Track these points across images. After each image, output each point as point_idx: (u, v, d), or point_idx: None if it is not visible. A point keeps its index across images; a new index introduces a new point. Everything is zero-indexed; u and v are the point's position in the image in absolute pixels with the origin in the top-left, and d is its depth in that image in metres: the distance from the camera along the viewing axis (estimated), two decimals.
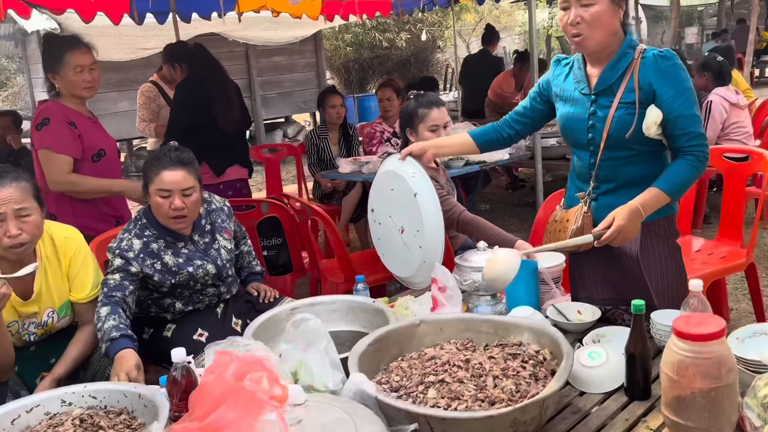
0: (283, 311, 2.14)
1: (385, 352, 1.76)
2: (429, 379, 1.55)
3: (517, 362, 1.59)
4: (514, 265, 1.67)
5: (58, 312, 2.09)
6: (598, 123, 1.90)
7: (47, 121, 2.67)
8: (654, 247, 1.94)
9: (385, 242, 2.34)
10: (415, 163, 2.15)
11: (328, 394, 1.46)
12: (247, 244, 2.61)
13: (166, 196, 2.11)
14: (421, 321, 1.83)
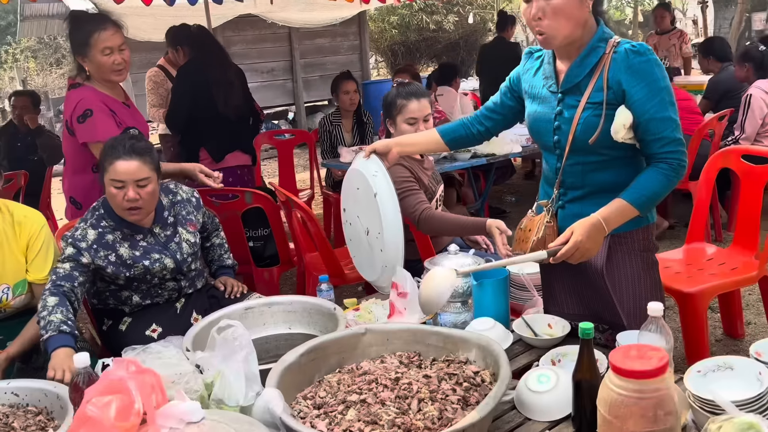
0: (235, 312, 2.07)
1: (323, 363, 1.66)
2: (352, 398, 1.45)
3: (450, 384, 1.47)
4: (448, 286, 1.54)
5: (13, 289, 2.08)
6: (564, 124, 1.74)
7: (90, 112, 2.47)
8: (624, 262, 1.77)
9: (355, 244, 2.24)
10: (378, 162, 2.03)
11: (233, 412, 1.38)
12: (219, 237, 2.55)
13: (120, 186, 2.06)
14: (366, 330, 1.73)
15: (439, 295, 1.51)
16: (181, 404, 1.29)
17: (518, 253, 1.87)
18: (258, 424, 1.31)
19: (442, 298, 1.51)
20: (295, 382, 1.57)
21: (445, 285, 1.50)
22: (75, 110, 2.50)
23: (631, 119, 1.62)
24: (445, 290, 1.50)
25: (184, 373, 1.44)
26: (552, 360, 1.76)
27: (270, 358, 2.04)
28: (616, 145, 1.67)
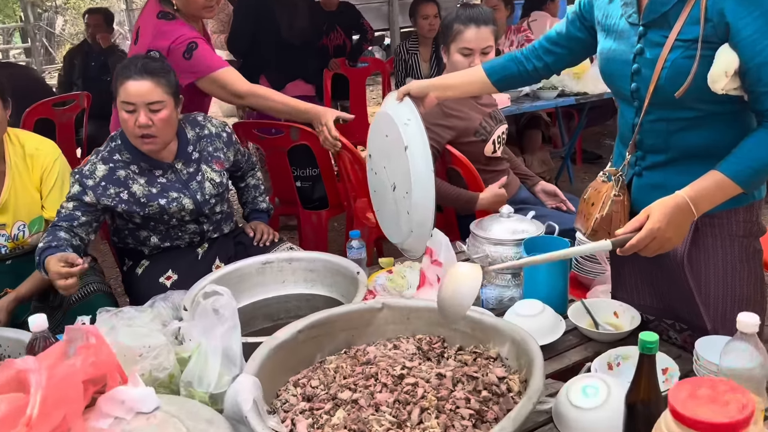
0: (252, 265, 1.87)
1: (328, 340, 1.43)
2: (343, 396, 1.21)
3: (465, 390, 1.20)
4: (470, 290, 1.21)
5: (29, 227, 1.99)
6: (644, 68, 1.33)
7: (194, 45, 2.26)
8: (715, 249, 1.38)
9: (380, 197, 1.95)
10: (412, 108, 1.70)
11: (197, 403, 1.18)
12: (255, 177, 2.34)
13: (131, 110, 1.87)
14: (383, 305, 1.47)
15: (459, 303, 1.19)
16: (132, 390, 1.11)
17: (578, 229, 1.52)
18: (220, 422, 1.10)
19: (462, 303, 1.20)
20: (289, 363, 1.35)
21: (466, 289, 1.19)
22: (177, 45, 2.23)
23: (737, 63, 1.19)
24: (467, 295, 1.19)
25: (154, 346, 1.26)
26: (609, 363, 1.44)
27: (290, 318, 1.84)
28: (715, 97, 1.26)
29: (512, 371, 1.30)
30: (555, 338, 1.55)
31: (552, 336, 1.55)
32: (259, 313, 1.85)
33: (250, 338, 1.46)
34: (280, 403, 1.26)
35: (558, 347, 1.57)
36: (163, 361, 1.25)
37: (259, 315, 1.84)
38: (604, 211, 1.39)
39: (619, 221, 1.36)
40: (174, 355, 1.27)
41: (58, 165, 2.00)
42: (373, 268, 2.08)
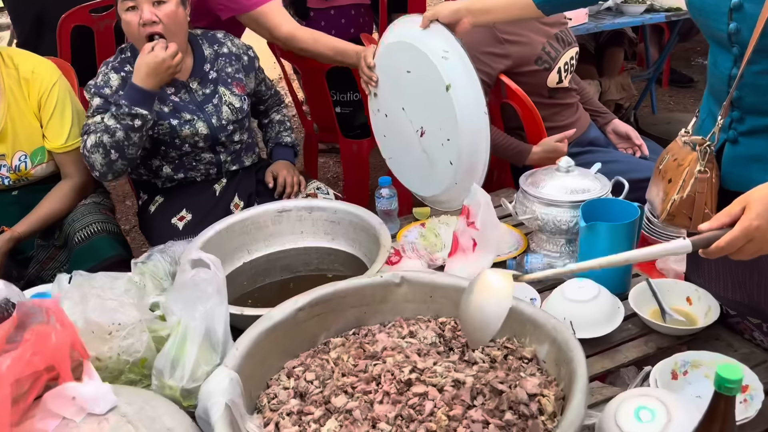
0: (267, 213, 1.66)
1: (335, 318, 1.23)
2: (337, 402, 1.02)
3: (486, 409, 0.97)
4: (498, 306, 0.94)
5: (31, 158, 1.85)
6: (748, 1, 0.98)
7: None
8: None
9: (392, 142, 1.68)
10: (449, 37, 1.38)
11: (164, 402, 1.00)
12: (280, 113, 2.11)
13: (133, 6, 1.65)
14: (402, 280, 1.25)
15: (484, 324, 0.94)
16: (84, 387, 0.95)
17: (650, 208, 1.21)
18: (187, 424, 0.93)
19: (491, 323, 0.94)
20: (286, 345, 1.17)
21: (495, 305, 0.93)
22: None
23: None
24: (496, 312, 0.93)
25: (125, 324, 1.09)
26: (674, 370, 1.18)
27: (311, 272, 1.66)
28: None
29: (549, 380, 1.07)
30: (609, 330, 1.30)
31: (606, 327, 1.30)
32: (276, 265, 1.66)
33: (248, 310, 1.28)
34: (267, 399, 1.08)
35: (612, 338, 1.32)
36: (134, 342, 1.08)
37: (277, 267, 1.66)
38: (685, 191, 1.09)
39: (703, 205, 1.06)
40: (148, 336, 1.10)
41: (57, 90, 1.81)
42: (408, 219, 1.85)
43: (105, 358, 1.08)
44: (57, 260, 1.87)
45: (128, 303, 1.11)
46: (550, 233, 1.55)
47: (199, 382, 1.04)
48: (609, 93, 3.55)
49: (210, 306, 1.10)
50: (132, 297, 1.12)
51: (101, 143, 1.69)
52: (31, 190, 1.90)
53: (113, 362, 1.07)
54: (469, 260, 1.42)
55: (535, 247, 1.62)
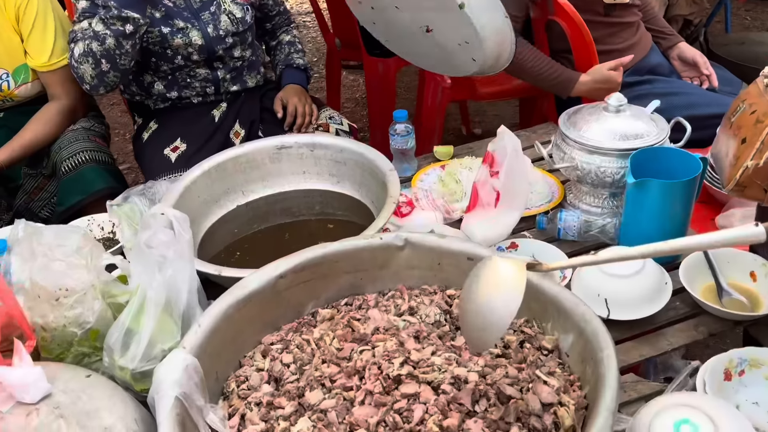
0: (265, 149, 1.47)
1: (325, 285, 1.06)
2: (311, 397, 0.86)
3: (489, 419, 0.80)
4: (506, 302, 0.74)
5: (14, 76, 1.68)
6: None
7: None
8: None
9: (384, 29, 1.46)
10: None
11: (109, 389, 0.86)
12: (290, 34, 1.89)
13: None
14: (406, 242, 1.06)
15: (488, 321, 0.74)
16: (14, 371, 0.81)
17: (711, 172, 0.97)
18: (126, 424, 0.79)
19: (495, 324, 0.74)
20: (266, 317, 1.01)
21: (501, 304, 0.73)
22: None
23: None
24: (502, 312, 0.73)
25: (73, 290, 0.95)
26: (727, 369, 0.98)
27: (314, 215, 1.49)
28: None
29: (570, 379, 0.89)
30: (652, 312, 1.10)
31: (649, 308, 1.10)
32: (276, 207, 1.49)
33: (227, 270, 1.13)
34: (236, 383, 0.94)
35: (654, 319, 1.12)
36: (83, 311, 0.94)
37: (276, 210, 1.49)
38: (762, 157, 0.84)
39: None
40: (101, 304, 0.95)
41: (35, 1, 1.62)
42: (428, 159, 1.64)
43: (50, 328, 0.94)
44: (46, 191, 1.74)
45: (78, 264, 0.95)
46: (592, 185, 1.33)
47: (154, 363, 0.90)
48: (677, 6, 3.14)
49: (170, 273, 0.94)
50: (84, 257, 0.97)
51: (90, 52, 1.51)
52: (17, 113, 1.75)
53: (57, 334, 0.94)
54: (490, 217, 1.22)
55: (573, 199, 1.40)
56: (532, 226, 1.35)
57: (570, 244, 1.30)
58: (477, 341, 0.79)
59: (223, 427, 0.86)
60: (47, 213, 1.76)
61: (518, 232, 1.32)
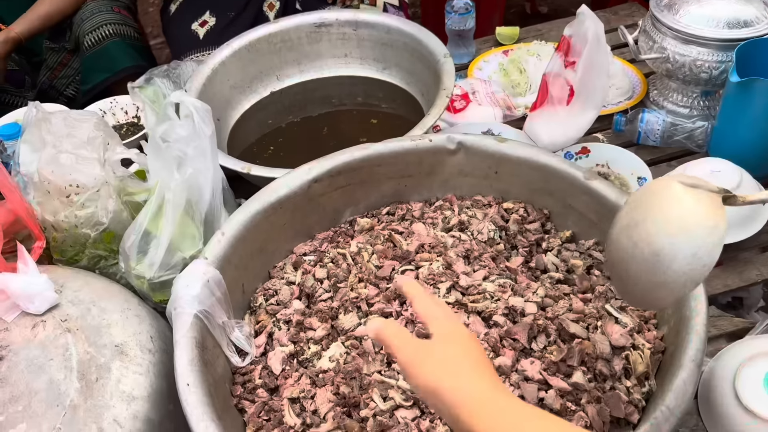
0: (302, 27, 1.31)
1: (365, 192, 0.95)
2: (346, 320, 0.78)
3: (546, 360, 0.71)
4: (710, 256, 0.56)
5: None
6: None
7: None
8: None
9: None
10: None
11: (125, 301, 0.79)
12: None
13: None
14: (459, 145, 0.93)
15: (665, 276, 0.55)
16: (18, 278, 0.74)
17: None
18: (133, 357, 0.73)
19: (676, 281, 0.56)
20: (297, 226, 0.91)
21: (690, 254, 0.54)
22: None
23: None
24: (691, 266, 0.55)
25: (85, 187, 0.85)
26: None
27: (357, 107, 1.35)
28: None
29: (646, 316, 0.78)
30: (745, 237, 0.96)
31: (741, 232, 0.96)
32: (314, 96, 1.36)
33: (257, 168, 1.02)
34: (264, 298, 0.86)
35: (744, 244, 0.98)
36: (96, 211, 0.86)
37: (315, 99, 1.36)
38: None
39: None
40: (116, 203, 0.87)
41: None
42: (488, 43, 1.45)
43: (61, 228, 0.87)
44: (70, 67, 1.65)
45: (90, 158, 0.86)
46: (683, 81, 1.14)
47: (174, 273, 0.83)
48: None
49: (191, 172, 0.84)
50: (97, 149, 0.87)
51: None
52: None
53: (70, 234, 0.86)
54: (559, 117, 1.06)
55: (657, 97, 1.22)
56: (607, 127, 1.19)
57: (650, 150, 1.15)
58: (643, 299, 0.62)
59: (248, 345, 0.80)
60: (72, 91, 1.67)
61: (590, 133, 1.16)
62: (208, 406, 0.66)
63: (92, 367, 0.70)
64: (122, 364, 0.71)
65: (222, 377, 0.75)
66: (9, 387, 0.68)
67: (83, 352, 0.70)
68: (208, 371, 0.71)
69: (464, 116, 1.22)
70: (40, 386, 0.68)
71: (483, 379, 0.52)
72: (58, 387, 0.68)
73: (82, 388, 0.68)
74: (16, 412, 0.66)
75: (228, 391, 0.76)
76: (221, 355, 0.77)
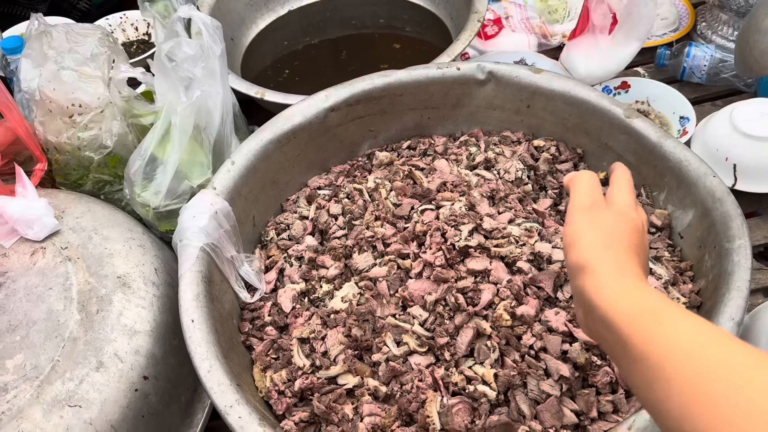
0: None
1: (386, 123, 0.89)
2: (360, 260, 0.73)
3: (571, 312, 0.67)
4: None
5: None
6: None
7: None
8: None
9: None
10: None
11: (129, 229, 0.75)
12: None
13: None
14: (490, 75, 0.86)
15: None
16: (12, 202, 0.71)
17: None
18: (137, 289, 0.69)
19: None
20: (311, 156, 0.86)
21: None
22: None
23: None
24: None
25: (87, 107, 0.80)
26: None
27: (379, 30, 1.28)
28: None
29: (682, 267, 0.73)
30: None
31: None
32: (334, 16, 1.28)
33: (271, 93, 0.96)
34: (275, 232, 0.82)
35: None
36: (99, 134, 0.81)
37: (335, 19, 1.28)
38: None
39: None
40: (120, 126, 0.82)
41: None
42: None
43: (64, 150, 0.82)
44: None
45: (93, 75, 0.81)
46: (736, 13, 1.05)
47: (181, 202, 0.79)
48: None
49: (198, 95, 0.79)
50: (101, 67, 0.82)
51: None
52: None
53: (73, 157, 0.82)
54: (600, 48, 0.98)
55: (706, 30, 1.13)
56: (650, 60, 1.10)
57: (694, 87, 1.07)
58: None
59: (258, 281, 0.76)
60: (86, 5, 1.60)
61: (630, 67, 1.08)
62: (212, 344, 0.63)
63: (93, 298, 0.67)
64: (124, 297, 0.68)
65: (229, 313, 0.72)
66: (7, 315, 0.66)
67: (84, 282, 0.67)
68: (215, 307, 0.68)
69: (496, 44, 1.14)
70: (38, 316, 0.65)
71: (631, 265, 0.48)
72: (57, 318, 0.65)
73: (82, 319, 0.65)
74: (13, 342, 0.64)
75: (235, 328, 0.73)
76: (229, 291, 0.73)
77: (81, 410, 0.61)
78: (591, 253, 0.49)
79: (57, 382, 0.62)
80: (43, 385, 0.61)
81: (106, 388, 0.62)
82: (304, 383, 0.65)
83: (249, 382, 0.68)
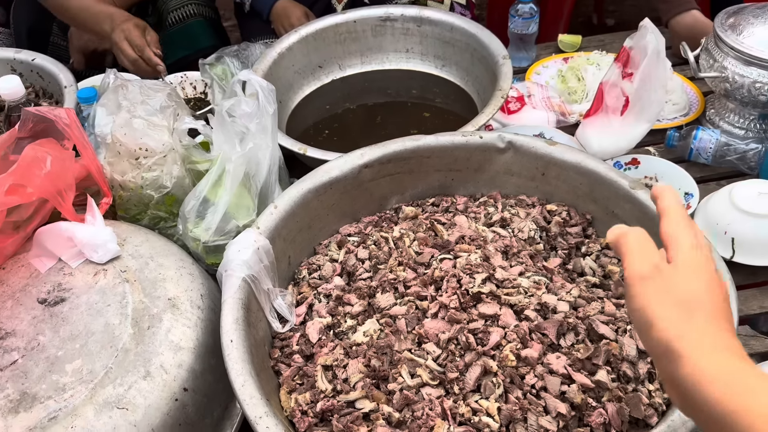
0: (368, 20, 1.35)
1: (413, 182, 0.99)
2: (382, 300, 0.81)
3: (572, 356, 0.73)
4: None
5: None
6: None
7: None
8: None
9: None
10: None
11: (181, 259, 0.84)
12: None
13: None
14: (509, 145, 0.96)
15: None
16: (85, 228, 0.81)
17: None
18: (184, 310, 0.78)
19: None
20: (344, 207, 0.96)
21: None
22: None
23: None
24: None
25: (153, 151, 0.91)
26: None
27: (412, 100, 1.39)
28: None
29: None
30: None
31: None
32: (372, 86, 1.40)
33: (312, 150, 1.07)
34: (308, 271, 0.91)
35: None
36: (161, 175, 0.91)
37: (373, 89, 1.40)
38: None
39: None
40: (180, 169, 0.92)
41: None
42: (549, 49, 1.47)
43: (128, 188, 0.93)
44: None
45: (160, 125, 0.92)
46: (741, 102, 1.14)
47: (227, 239, 0.88)
48: None
49: (251, 147, 0.89)
50: (167, 118, 0.93)
51: None
52: None
53: (136, 194, 0.92)
54: (612, 127, 1.07)
55: (713, 116, 1.22)
56: (660, 141, 1.19)
57: (701, 167, 1.15)
58: None
59: (289, 313, 0.84)
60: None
61: (641, 146, 1.17)
62: (247, 362, 0.71)
63: (145, 316, 0.75)
64: (173, 316, 0.76)
65: (262, 339, 0.80)
66: (69, 326, 0.75)
67: (138, 302, 0.76)
68: (250, 332, 0.76)
69: (518, 118, 1.24)
70: (96, 328, 0.74)
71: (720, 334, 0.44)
72: (113, 331, 0.74)
73: (134, 333, 0.73)
74: (73, 349, 0.72)
75: (266, 353, 0.80)
76: (263, 319, 0.81)
77: (127, 413, 0.68)
78: (672, 332, 0.44)
79: (109, 387, 0.69)
80: (96, 388, 0.69)
81: (150, 395, 0.70)
82: (325, 405, 0.72)
83: (275, 401, 0.75)
